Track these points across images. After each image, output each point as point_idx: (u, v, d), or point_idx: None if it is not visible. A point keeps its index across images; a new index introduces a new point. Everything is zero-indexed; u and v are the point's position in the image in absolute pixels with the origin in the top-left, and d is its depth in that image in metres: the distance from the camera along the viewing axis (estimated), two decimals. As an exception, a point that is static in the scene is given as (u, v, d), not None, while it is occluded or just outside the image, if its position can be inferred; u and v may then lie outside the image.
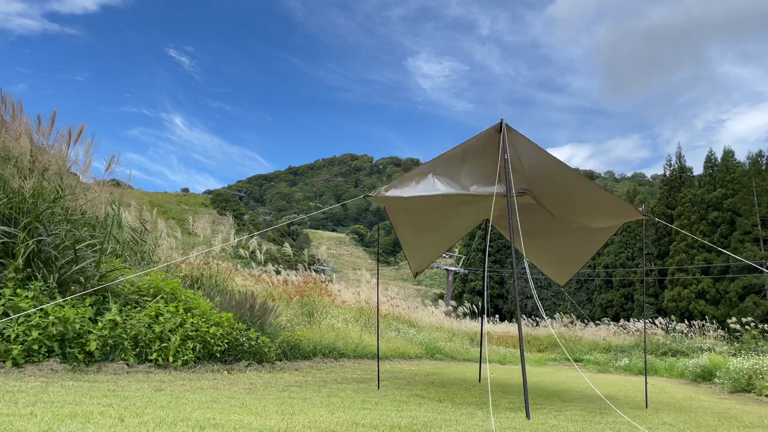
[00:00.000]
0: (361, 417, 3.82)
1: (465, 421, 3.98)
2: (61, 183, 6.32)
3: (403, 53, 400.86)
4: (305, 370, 7.63)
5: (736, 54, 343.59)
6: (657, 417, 5.06)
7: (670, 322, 20.16)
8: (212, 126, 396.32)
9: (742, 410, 6.26)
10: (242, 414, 3.56)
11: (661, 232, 44.17)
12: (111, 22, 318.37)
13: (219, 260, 9.62)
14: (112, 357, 5.43)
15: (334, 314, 11.67)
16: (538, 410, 5.01)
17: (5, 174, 5.63)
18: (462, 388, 6.87)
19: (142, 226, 8.56)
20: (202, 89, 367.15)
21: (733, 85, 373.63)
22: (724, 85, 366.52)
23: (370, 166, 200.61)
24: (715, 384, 9.81)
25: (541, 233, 7.25)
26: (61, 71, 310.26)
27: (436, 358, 13.58)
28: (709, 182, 43.20)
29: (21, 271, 5.40)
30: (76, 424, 2.80)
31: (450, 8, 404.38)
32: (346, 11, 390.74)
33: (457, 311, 22.50)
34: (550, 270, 8.84)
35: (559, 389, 8.01)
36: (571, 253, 7.84)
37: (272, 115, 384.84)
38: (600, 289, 46.92)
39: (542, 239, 7.48)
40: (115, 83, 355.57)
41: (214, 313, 6.65)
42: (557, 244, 7.65)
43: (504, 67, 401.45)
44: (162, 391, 4.42)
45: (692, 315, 34.08)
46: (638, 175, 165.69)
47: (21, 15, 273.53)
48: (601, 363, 16.04)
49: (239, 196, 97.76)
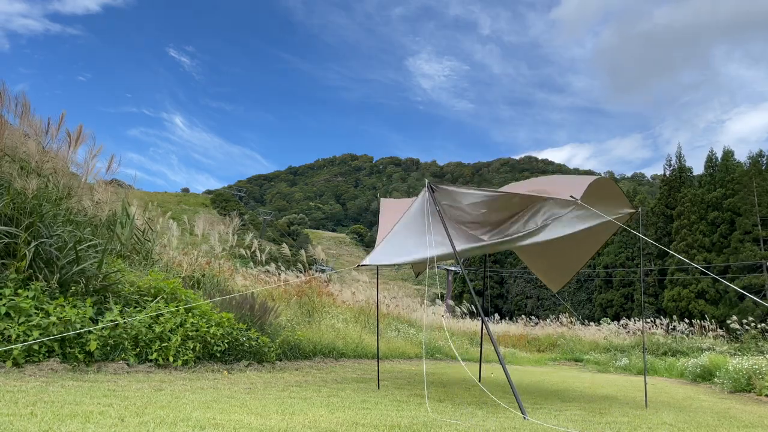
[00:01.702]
0: (361, 417, 3.82)
1: (465, 421, 3.98)
2: (65, 184, 6.33)
3: (403, 53, 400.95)
4: (305, 369, 7.64)
5: (741, 54, 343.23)
6: (657, 417, 5.06)
7: (670, 322, 20.18)
8: (212, 126, 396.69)
9: (742, 410, 6.27)
10: (242, 414, 3.56)
11: (661, 232, 44.16)
12: (112, 22, 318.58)
13: (219, 260, 9.62)
14: (113, 357, 5.44)
15: (333, 314, 11.68)
16: (538, 410, 5.02)
17: (7, 174, 5.63)
18: (462, 388, 6.87)
19: (147, 225, 8.56)
20: (203, 89, 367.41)
21: (735, 86, 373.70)
22: (726, 85, 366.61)
23: (370, 166, 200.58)
24: (714, 384, 9.82)
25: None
26: (63, 72, 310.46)
27: (436, 358, 13.59)
28: (709, 182, 43.23)
29: (23, 272, 5.41)
30: (77, 424, 2.81)
31: (450, 8, 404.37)
32: (346, 10, 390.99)
33: (455, 311, 22.51)
34: (544, 276, 8.73)
35: (559, 389, 8.01)
36: (566, 259, 7.68)
37: (272, 115, 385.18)
38: (600, 288, 46.94)
39: (536, 245, 7.38)
40: (116, 83, 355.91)
41: (214, 314, 6.65)
42: (551, 250, 7.53)
43: (504, 66, 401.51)
44: (162, 391, 4.42)
45: (692, 315, 34.08)
46: (638, 175, 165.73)
47: (23, 15, 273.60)
48: (601, 363, 16.06)
49: (239, 196, 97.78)
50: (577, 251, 7.45)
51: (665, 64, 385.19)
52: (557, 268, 8.17)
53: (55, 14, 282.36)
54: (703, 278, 38.25)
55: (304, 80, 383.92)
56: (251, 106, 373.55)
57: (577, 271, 8.06)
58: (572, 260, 7.76)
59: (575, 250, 7.37)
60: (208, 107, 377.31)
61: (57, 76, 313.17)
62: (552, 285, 8.59)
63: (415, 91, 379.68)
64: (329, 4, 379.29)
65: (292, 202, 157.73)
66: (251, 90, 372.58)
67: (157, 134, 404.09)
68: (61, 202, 6.14)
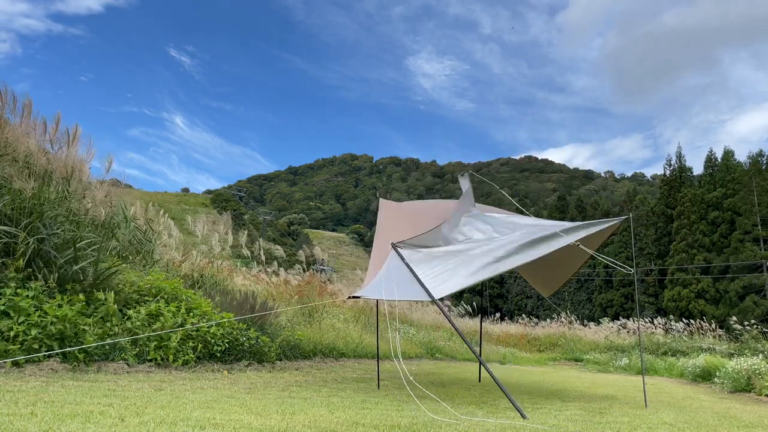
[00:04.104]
0: (361, 417, 3.82)
1: (465, 420, 3.98)
2: (64, 184, 6.33)
3: (403, 52, 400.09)
4: (305, 369, 7.63)
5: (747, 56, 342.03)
6: (657, 417, 5.06)
7: (667, 322, 20.16)
8: (213, 125, 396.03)
9: (742, 410, 6.26)
10: (242, 413, 3.56)
11: (661, 232, 44.17)
12: (113, 22, 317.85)
13: (219, 259, 9.62)
14: (112, 357, 5.44)
15: (333, 314, 11.67)
16: (538, 410, 5.02)
17: (7, 174, 5.63)
18: (462, 388, 6.87)
19: (148, 225, 8.56)
20: (203, 89, 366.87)
21: (739, 87, 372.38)
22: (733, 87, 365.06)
23: (370, 166, 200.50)
24: (714, 384, 9.81)
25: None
26: (65, 72, 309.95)
27: (436, 357, 13.59)
28: (709, 182, 43.22)
29: (22, 271, 5.41)
30: (77, 423, 2.81)
31: (450, 7, 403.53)
32: (346, 10, 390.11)
33: (452, 311, 22.47)
34: (536, 281, 8.67)
35: (559, 389, 8.01)
36: (559, 264, 7.54)
37: (273, 115, 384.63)
38: (600, 288, 46.93)
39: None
40: (117, 83, 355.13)
41: (215, 314, 6.65)
42: (542, 259, 7.42)
43: (504, 66, 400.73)
44: (162, 391, 4.42)
45: (692, 315, 34.07)
46: (638, 175, 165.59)
47: (26, 15, 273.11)
48: (601, 363, 16.03)
49: (239, 195, 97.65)
50: (569, 260, 7.33)
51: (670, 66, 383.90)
52: (549, 276, 8.10)
53: (58, 14, 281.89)
54: (703, 278, 38.26)
55: (305, 80, 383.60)
56: (251, 106, 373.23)
57: (569, 278, 8.00)
58: (564, 268, 7.68)
59: (567, 258, 7.24)
60: (209, 107, 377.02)
61: (59, 76, 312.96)
62: (543, 291, 8.53)
63: (415, 91, 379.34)
64: (329, 4, 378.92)
65: (292, 202, 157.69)
66: (251, 90, 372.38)
67: (157, 134, 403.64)
68: (60, 202, 6.13)
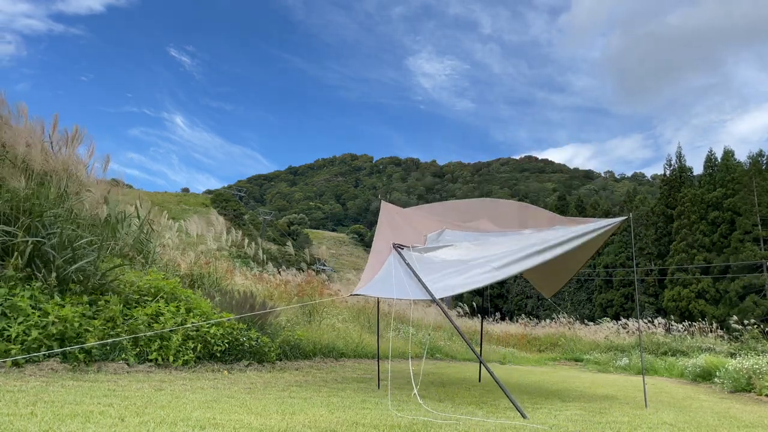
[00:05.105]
0: (361, 417, 3.82)
1: (465, 420, 3.98)
2: (63, 184, 6.33)
3: (403, 52, 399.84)
4: (305, 369, 7.63)
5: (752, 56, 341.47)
6: (657, 417, 5.06)
7: (668, 322, 20.15)
8: (213, 125, 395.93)
9: (742, 410, 6.26)
10: (242, 413, 3.56)
11: (661, 232, 44.17)
12: (114, 22, 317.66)
13: (217, 259, 9.62)
14: (113, 357, 5.44)
15: (333, 314, 11.67)
16: (538, 410, 5.01)
17: (7, 174, 5.63)
18: (462, 388, 6.87)
19: (148, 225, 8.56)
20: (203, 88, 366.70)
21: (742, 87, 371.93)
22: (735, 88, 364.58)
23: (371, 165, 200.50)
24: (714, 384, 9.81)
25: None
26: (65, 72, 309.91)
27: (436, 357, 13.59)
28: (709, 182, 43.23)
29: (21, 270, 5.41)
30: (77, 423, 2.81)
31: (450, 7, 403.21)
32: (346, 9, 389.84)
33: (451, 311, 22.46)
34: (537, 282, 8.68)
35: (559, 389, 8.01)
36: (559, 267, 7.54)
37: (273, 115, 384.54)
38: (600, 288, 46.94)
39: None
40: (117, 83, 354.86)
41: (214, 314, 6.65)
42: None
43: (504, 66, 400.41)
44: (162, 391, 4.42)
45: (692, 315, 34.10)
46: (638, 175, 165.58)
47: (27, 15, 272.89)
48: (601, 363, 16.03)
49: (239, 195, 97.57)
50: (570, 260, 7.33)
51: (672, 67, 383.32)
52: (550, 276, 8.11)
53: (58, 14, 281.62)
54: (703, 278, 38.25)
55: (305, 80, 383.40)
56: (251, 106, 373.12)
57: (570, 278, 8.01)
58: (565, 268, 7.69)
59: (568, 259, 7.27)
60: (209, 107, 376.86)
61: (59, 76, 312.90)
62: (545, 291, 8.54)
63: (415, 91, 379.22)
64: (329, 4, 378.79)
65: (292, 202, 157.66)
66: (251, 90, 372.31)
67: (157, 134, 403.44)
68: (59, 201, 6.13)
